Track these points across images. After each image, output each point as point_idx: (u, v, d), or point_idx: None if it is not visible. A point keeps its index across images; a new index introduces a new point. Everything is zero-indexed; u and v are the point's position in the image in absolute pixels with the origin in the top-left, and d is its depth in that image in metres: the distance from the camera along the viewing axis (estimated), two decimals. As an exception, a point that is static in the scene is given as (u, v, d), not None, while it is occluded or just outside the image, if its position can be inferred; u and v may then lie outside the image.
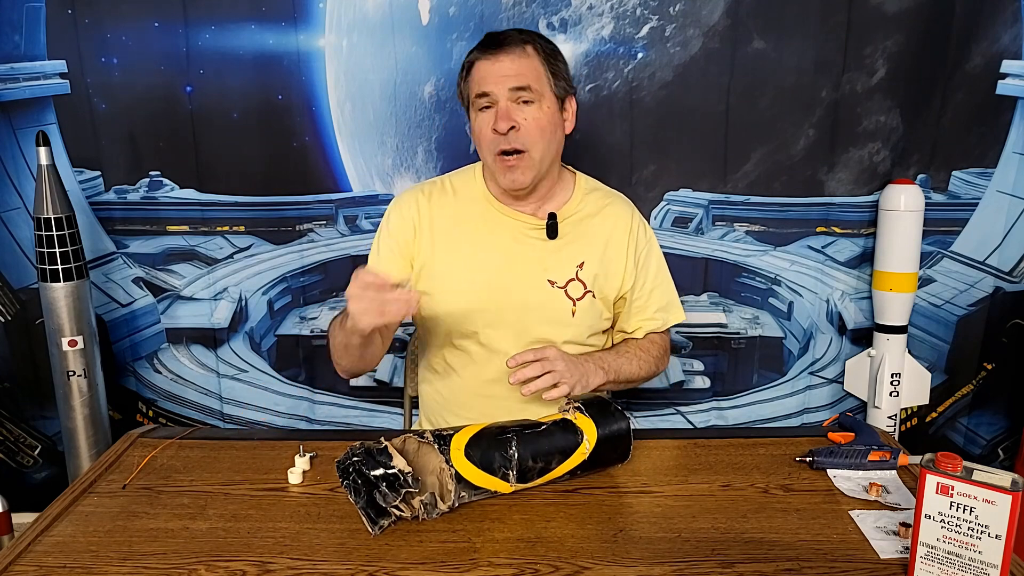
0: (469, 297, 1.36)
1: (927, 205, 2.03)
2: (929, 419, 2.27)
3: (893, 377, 2.08)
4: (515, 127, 1.27)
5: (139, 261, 2.19)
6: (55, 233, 1.88)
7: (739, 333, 2.20)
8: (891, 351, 2.08)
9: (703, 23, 1.98)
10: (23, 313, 2.20)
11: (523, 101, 1.27)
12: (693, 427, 2.23)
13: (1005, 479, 0.79)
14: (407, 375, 1.66)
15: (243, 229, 2.17)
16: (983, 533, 0.81)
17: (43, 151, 1.86)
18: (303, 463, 1.15)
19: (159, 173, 2.12)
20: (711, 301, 2.19)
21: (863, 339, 2.19)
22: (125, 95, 2.05)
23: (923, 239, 2.05)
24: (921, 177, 2.09)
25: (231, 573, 0.90)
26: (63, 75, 2.04)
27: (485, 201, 1.40)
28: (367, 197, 2.14)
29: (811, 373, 2.24)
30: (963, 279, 2.16)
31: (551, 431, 1.08)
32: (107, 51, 2.02)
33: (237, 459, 1.20)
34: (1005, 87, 2.01)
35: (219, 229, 2.17)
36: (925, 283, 2.16)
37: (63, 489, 1.11)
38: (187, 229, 2.17)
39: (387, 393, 2.25)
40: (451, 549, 0.94)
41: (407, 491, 0.98)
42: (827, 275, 2.16)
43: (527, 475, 1.05)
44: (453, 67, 1.98)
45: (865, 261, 2.15)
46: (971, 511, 0.81)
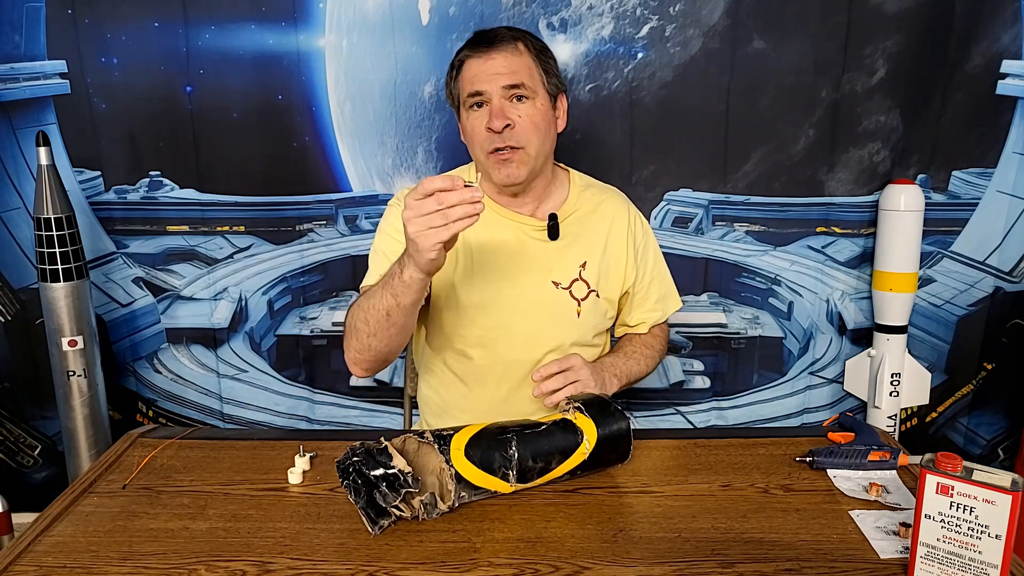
0: (473, 302, 1.35)
1: (927, 205, 2.03)
2: (929, 419, 2.27)
3: (893, 377, 2.08)
4: (510, 124, 1.25)
5: (139, 261, 2.19)
6: (55, 233, 1.88)
7: (739, 333, 2.20)
8: (891, 351, 2.08)
9: (703, 23, 1.98)
10: (23, 313, 2.20)
11: (516, 98, 1.26)
12: (693, 427, 2.23)
13: (1005, 479, 0.79)
14: (407, 375, 1.66)
15: (243, 229, 2.17)
16: (983, 533, 0.81)
17: (43, 151, 1.86)
18: (303, 463, 1.15)
19: (159, 173, 2.12)
20: (711, 301, 2.19)
21: (863, 339, 2.19)
22: (125, 95, 2.05)
23: (923, 239, 2.05)
24: (921, 177, 2.09)
25: (231, 573, 0.90)
26: (63, 75, 2.04)
27: (494, 205, 1.38)
28: (367, 197, 2.14)
29: (811, 373, 2.24)
30: (963, 279, 2.16)
31: (551, 431, 1.08)
32: (107, 51, 2.02)
33: (237, 459, 1.20)
34: (1005, 87, 2.01)
35: (219, 229, 2.17)
36: (925, 283, 2.16)
37: (63, 489, 1.11)
38: (187, 229, 2.17)
39: (387, 393, 2.25)
40: (451, 549, 0.94)
41: (407, 491, 0.98)
42: (827, 275, 2.16)
43: (527, 475, 1.05)
44: (453, 67, 1.98)
45: (865, 261, 2.15)
46: (971, 511, 0.81)
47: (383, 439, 1.04)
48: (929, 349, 2.21)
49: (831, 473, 1.12)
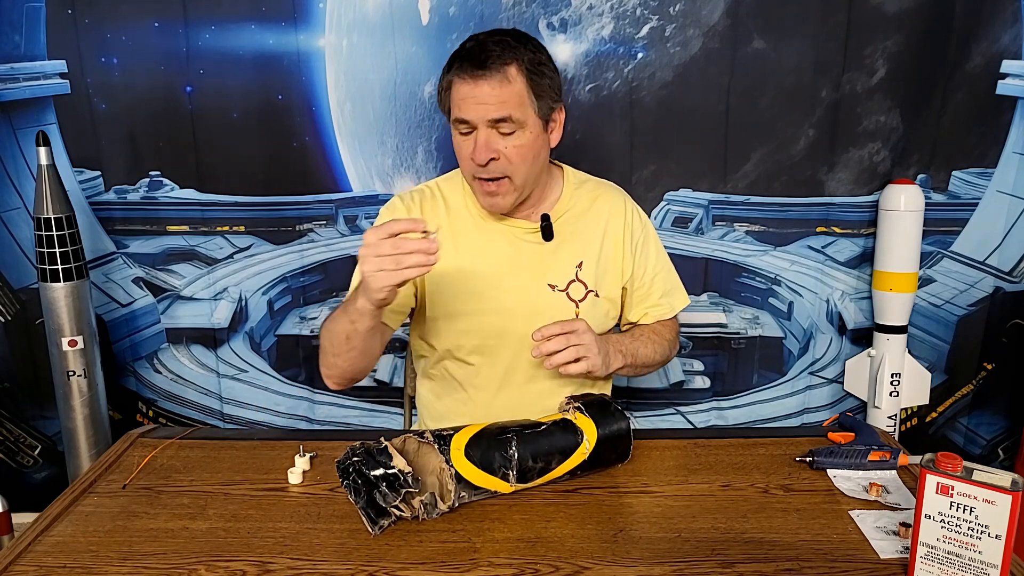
0: (469, 310, 1.33)
1: (927, 205, 2.03)
2: (929, 419, 2.27)
3: (893, 377, 2.08)
4: (495, 158, 1.21)
5: (139, 261, 2.19)
6: (55, 233, 1.88)
7: (739, 333, 2.20)
8: (891, 351, 2.08)
9: (703, 23, 1.98)
10: (23, 313, 2.20)
11: (503, 132, 1.21)
12: (693, 427, 2.23)
13: (1005, 479, 0.79)
14: (407, 375, 1.66)
15: (243, 229, 2.17)
16: (983, 533, 0.81)
17: (43, 151, 1.86)
18: (303, 463, 1.15)
19: (159, 173, 2.12)
20: (711, 301, 2.19)
21: (863, 339, 2.19)
22: (125, 95, 2.05)
23: (923, 239, 2.05)
24: (921, 177, 2.09)
25: (231, 573, 0.90)
26: (63, 75, 2.04)
27: (477, 209, 1.35)
28: (367, 197, 2.14)
29: (811, 373, 2.24)
30: (963, 279, 2.16)
31: (551, 431, 1.08)
32: (107, 51, 2.02)
33: (237, 459, 1.20)
34: (1005, 87, 2.01)
35: (219, 229, 2.17)
36: (925, 283, 2.16)
37: (63, 489, 1.11)
38: (187, 229, 2.17)
39: (387, 393, 2.25)
40: (451, 549, 0.94)
41: (407, 491, 0.98)
42: (827, 275, 2.16)
43: (527, 475, 1.05)
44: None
45: (865, 261, 2.15)
46: (971, 511, 0.81)
47: (383, 439, 1.04)
48: (929, 349, 2.21)
49: (831, 473, 1.12)
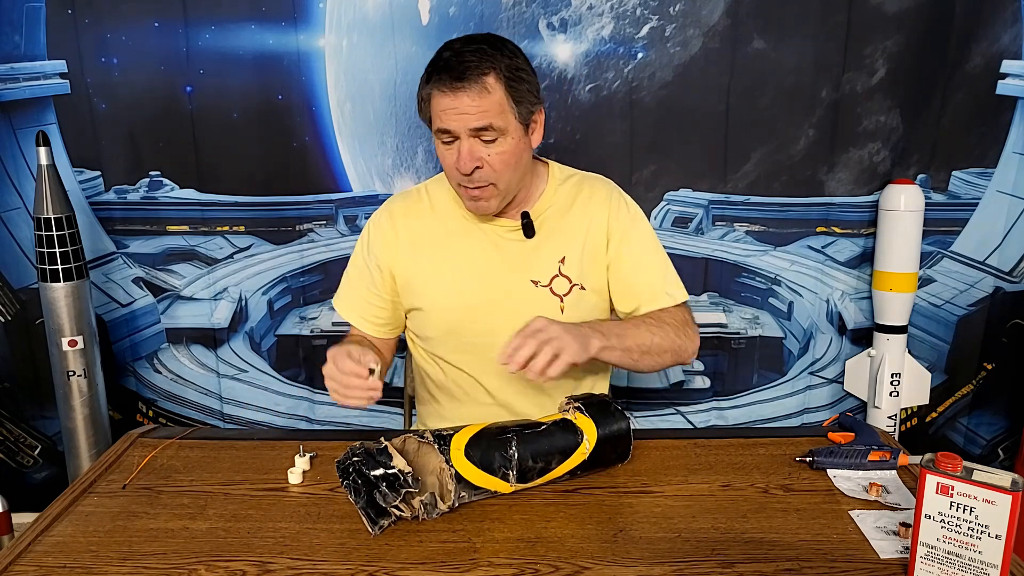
0: (454, 311, 1.33)
1: (927, 205, 2.03)
2: (929, 419, 2.27)
3: (893, 377, 2.08)
4: (479, 166, 1.22)
5: (139, 261, 2.19)
6: (55, 233, 1.88)
7: (739, 333, 2.20)
8: (891, 351, 2.08)
9: (703, 23, 1.98)
10: (23, 313, 2.20)
11: (486, 140, 1.21)
12: (693, 427, 2.23)
13: (1005, 479, 0.79)
14: (407, 375, 1.66)
15: (243, 229, 2.17)
16: (983, 533, 0.81)
17: (43, 151, 1.86)
18: (303, 463, 1.15)
19: (159, 173, 2.12)
20: (711, 301, 2.19)
21: (863, 339, 2.19)
22: (125, 95, 2.05)
23: (923, 239, 2.05)
24: (921, 177, 2.09)
25: (231, 573, 0.90)
26: (63, 75, 2.04)
27: (461, 210, 1.35)
28: (367, 197, 2.14)
29: (811, 373, 2.24)
30: (963, 279, 2.16)
31: (551, 431, 1.08)
32: (107, 51, 2.02)
33: (237, 459, 1.20)
34: (1005, 87, 2.01)
35: (219, 229, 2.17)
36: (925, 283, 2.16)
37: (63, 489, 1.11)
38: (187, 229, 2.17)
39: (387, 393, 2.24)
40: (451, 549, 0.94)
41: (407, 491, 0.98)
42: (827, 275, 2.16)
43: (527, 475, 1.05)
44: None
45: (865, 261, 2.15)
46: (971, 511, 0.81)
47: (383, 439, 1.04)
48: (929, 349, 2.21)
49: (831, 473, 1.12)
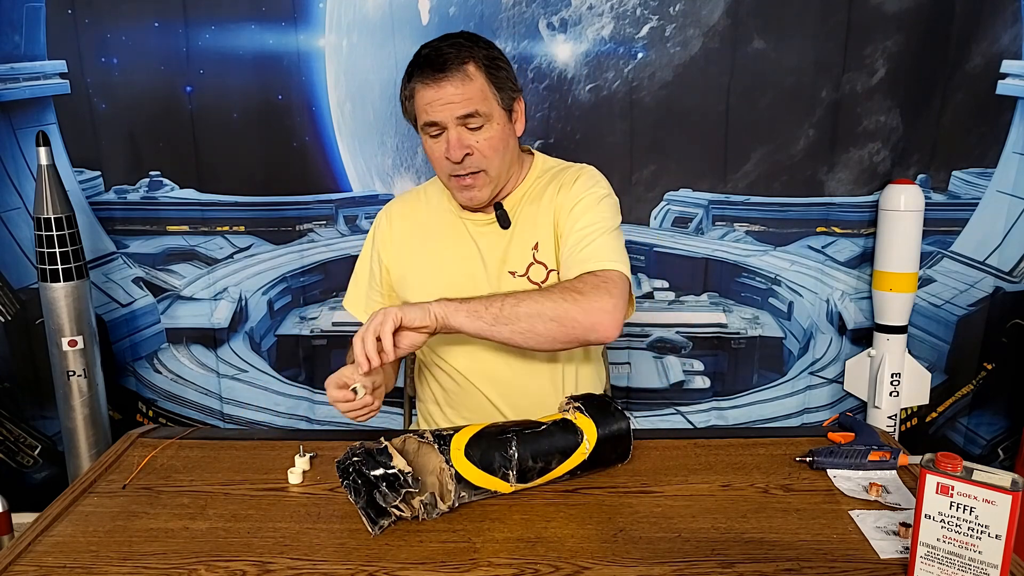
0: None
1: (927, 205, 2.03)
2: (929, 419, 2.27)
3: (893, 377, 2.08)
4: (469, 153, 1.24)
5: (139, 261, 2.19)
6: (55, 233, 1.88)
7: (739, 333, 2.20)
8: (891, 351, 2.08)
9: (703, 23, 1.98)
10: (23, 313, 2.20)
11: (472, 128, 1.23)
12: (693, 427, 2.23)
13: (1005, 479, 0.79)
14: (407, 375, 1.66)
15: (243, 229, 2.17)
16: (983, 533, 0.80)
17: (43, 151, 1.86)
18: (303, 463, 1.15)
19: (159, 173, 2.12)
20: (711, 301, 2.19)
21: (863, 339, 2.19)
22: (125, 95, 2.05)
23: (923, 239, 2.05)
24: (921, 177, 2.09)
25: (231, 573, 0.90)
26: (63, 75, 2.05)
27: (447, 207, 1.38)
28: (367, 197, 2.14)
29: (811, 373, 2.24)
30: (963, 279, 2.16)
31: (551, 431, 1.08)
32: (107, 51, 2.02)
33: (237, 459, 1.20)
34: (1005, 87, 2.01)
35: (219, 229, 2.17)
36: (925, 283, 2.16)
37: (63, 489, 1.11)
38: (187, 229, 2.17)
39: (387, 393, 2.25)
40: (451, 549, 0.94)
41: (407, 491, 0.98)
42: (827, 275, 2.16)
43: (527, 475, 1.05)
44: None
45: (865, 261, 2.15)
46: (971, 511, 0.81)
47: (383, 439, 1.04)
48: (929, 349, 2.21)
49: (831, 473, 1.12)
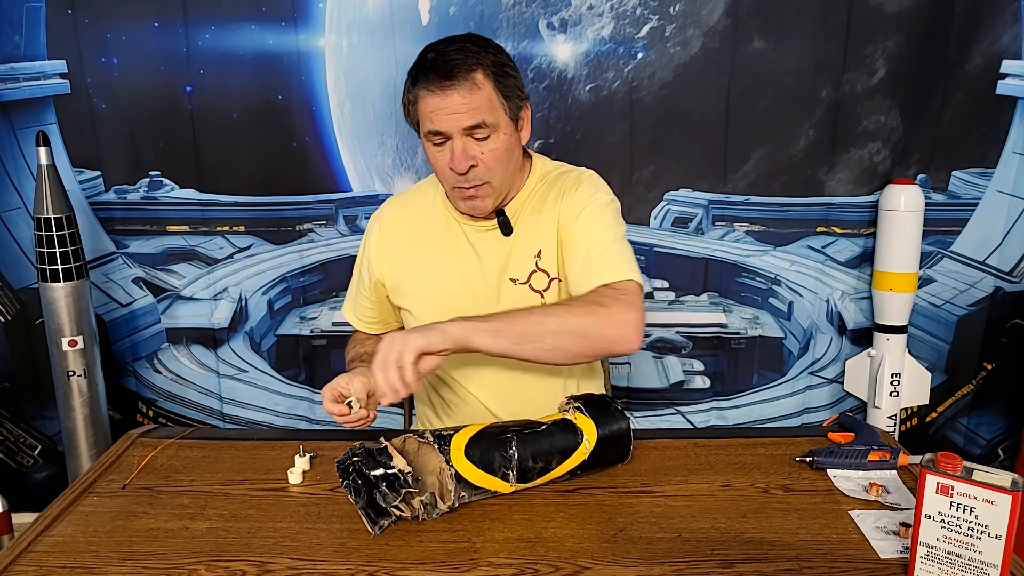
0: (437, 312, 1.29)
1: (927, 205, 2.03)
2: (929, 419, 2.27)
3: (893, 377, 2.08)
4: (474, 165, 1.21)
5: (139, 261, 2.19)
6: (55, 233, 1.88)
7: (739, 333, 2.20)
8: (891, 351, 2.08)
9: (703, 23, 1.98)
10: (23, 313, 2.20)
11: (478, 138, 1.20)
12: (693, 427, 2.23)
13: (1005, 479, 0.79)
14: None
15: (243, 229, 2.17)
16: (983, 533, 0.80)
17: (43, 151, 1.86)
18: (303, 463, 1.15)
19: (159, 173, 2.12)
20: (711, 301, 2.19)
21: (863, 339, 2.19)
22: (125, 95, 2.05)
23: (923, 239, 2.05)
24: (921, 177, 2.09)
25: (231, 573, 0.90)
26: (63, 75, 2.04)
27: (443, 212, 1.35)
28: (367, 197, 2.14)
29: (811, 373, 2.24)
30: (963, 279, 2.16)
31: (551, 431, 1.08)
32: (107, 51, 2.02)
33: (237, 459, 1.20)
34: (1005, 87, 2.01)
35: (219, 229, 2.17)
36: (925, 283, 2.16)
37: (63, 489, 1.11)
38: (187, 229, 2.17)
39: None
40: (451, 549, 0.94)
41: (407, 491, 0.98)
42: (827, 275, 2.16)
43: (527, 475, 1.05)
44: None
45: (865, 261, 2.15)
46: (971, 511, 0.81)
47: (383, 439, 1.04)
48: (929, 349, 2.21)
49: (831, 473, 1.12)
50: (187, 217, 2.15)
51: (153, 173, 2.12)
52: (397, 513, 0.98)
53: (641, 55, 2.01)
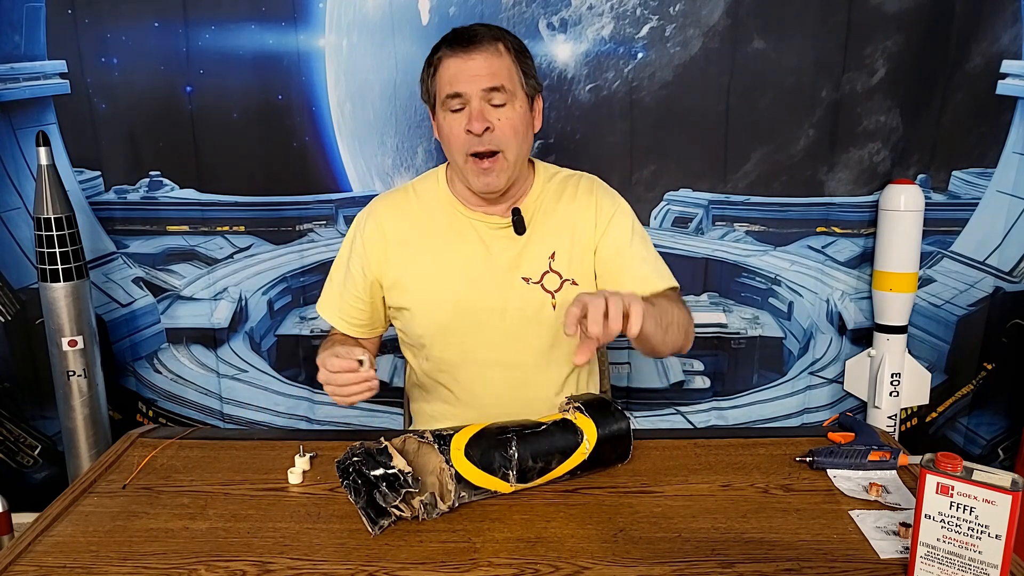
0: (444, 309, 1.33)
1: (927, 205, 2.03)
2: (929, 419, 2.27)
3: (893, 377, 2.08)
4: (490, 128, 1.22)
5: (139, 261, 2.19)
6: (55, 233, 1.88)
7: (739, 333, 2.20)
8: (891, 351, 2.08)
9: (703, 23, 1.98)
10: (23, 313, 2.20)
11: (495, 104, 1.23)
12: (693, 427, 2.23)
13: (1005, 479, 0.79)
14: (407, 375, 1.66)
15: (243, 229, 2.17)
16: (983, 533, 0.81)
17: (43, 151, 1.86)
18: (303, 463, 1.15)
19: (159, 173, 2.12)
20: (711, 301, 2.19)
21: (863, 339, 2.19)
22: (125, 95, 2.05)
23: (923, 239, 2.05)
24: (921, 177, 2.09)
25: (231, 573, 0.90)
26: (63, 75, 2.04)
27: (450, 207, 1.35)
28: (367, 197, 2.12)
29: (811, 373, 2.24)
30: (963, 279, 2.16)
31: (551, 431, 1.08)
32: (107, 51, 2.02)
33: (237, 459, 1.20)
34: (1005, 87, 2.01)
35: (219, 229, 2.17)
36: (925, 283, 2.16)
37: (63, 489, 1.11)
38: (187, 229, 2.17)
39: (387, 393, 2.25)
40: (451, 549, 0.94)
41: (407, 491, 0.98)
42: (827, 275, 2.16)
43: (527, 475, 1.05)
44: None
45: (865, 261, 2.15)
46: (971, 511, 0.81)
47: (383, 439, 1.04)
48: (929, 349, 2.21)
49: (831, 473, 1.12)
50: (187, 217, 2.15)
51: (153, 173, 2.12)
52: (397, 513, 0.98)
53: (641, 55, 2.01)
